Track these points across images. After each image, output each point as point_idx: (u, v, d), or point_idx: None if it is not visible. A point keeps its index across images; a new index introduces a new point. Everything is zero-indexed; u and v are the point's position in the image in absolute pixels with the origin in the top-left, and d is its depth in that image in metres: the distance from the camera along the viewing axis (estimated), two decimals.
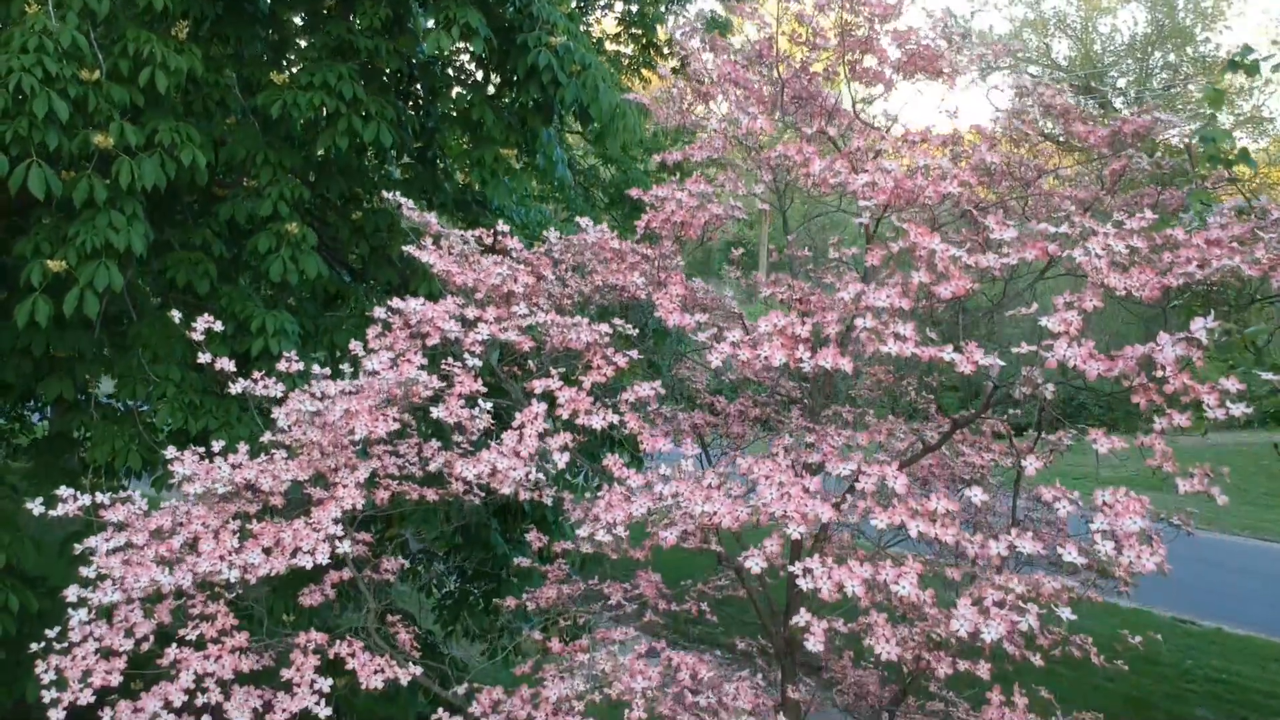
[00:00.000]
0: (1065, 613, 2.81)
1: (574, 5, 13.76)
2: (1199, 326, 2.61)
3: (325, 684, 3.63)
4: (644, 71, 14.00)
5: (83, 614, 3.60)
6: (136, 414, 6.08)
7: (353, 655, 3.81)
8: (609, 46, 13.91)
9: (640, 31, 13.77)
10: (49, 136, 4.99)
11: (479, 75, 7.88)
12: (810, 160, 3.44)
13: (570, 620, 4.67)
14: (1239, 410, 2.74)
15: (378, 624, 4.19)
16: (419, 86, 8.15)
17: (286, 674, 3.74)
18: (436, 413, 3.42)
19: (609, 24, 14.75)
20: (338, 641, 3.86)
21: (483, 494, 4.47)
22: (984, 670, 3.96)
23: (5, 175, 4.90)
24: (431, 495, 4.04)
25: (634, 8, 13.66)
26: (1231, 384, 2.84)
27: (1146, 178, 4.08)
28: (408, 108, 7.95)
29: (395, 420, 3.53)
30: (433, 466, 4.10)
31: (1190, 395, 2.87)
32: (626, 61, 14.01)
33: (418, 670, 3.79)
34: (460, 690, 3.99)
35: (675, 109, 4.79)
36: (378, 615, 4.30)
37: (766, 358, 3.05)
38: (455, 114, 7.81)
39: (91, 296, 5.20)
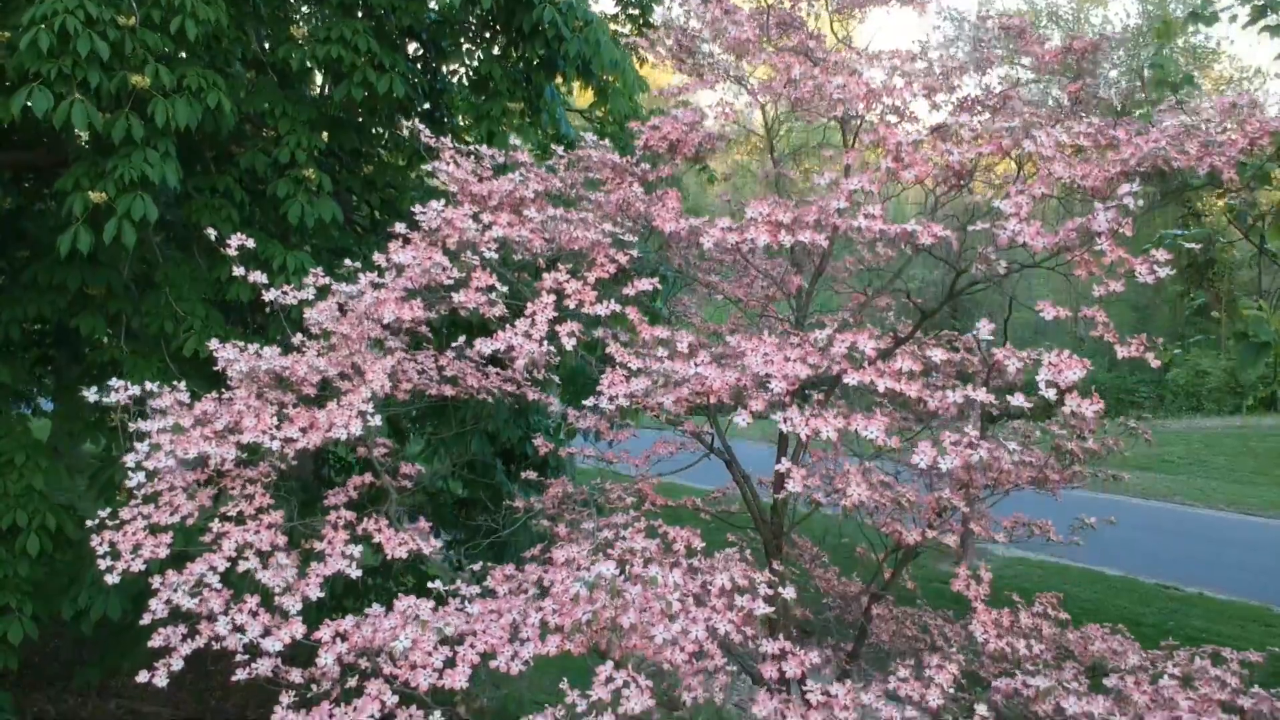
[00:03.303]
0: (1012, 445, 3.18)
1: None
2: (1125, 191, 3.00)
3: (356, 550, 4.01)
4: (640, 50, 14.37)
5: (141, 476, 3.94)
6: (165, 344, 6.46)
7: (379, 531, 4.19)
8: (610, 27, 14.24)
9: (638, 12, 14.13)
10: (91, 74, 5.37)
11: (487, 36, 8.25)
12: (791, 66, 3.84)
13: (574, 517, 5.05)
14: (1164, 273, 3.12)
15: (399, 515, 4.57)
16: (427, 52, 8.53)
17: (319, 546, 4.11)
18: (457, 297, 3.81)
19: (607, 4, 15.11)
20: (365, 519, 4.24)
21: (493, 394, 4.88)
22: (951, 540, 4.37)
23: (51, 110, 5.28)
24: (449, 390, 4.43)
25: None
26: (1160, 255, 3.22)
27: (1101, 105, 4.47)
28: (417, 67, 8.33)
29: (420, 310, 3.90)
30: (449, 372, 4.49)
31: (1125, 265, 3.26)
32: (624, 42, 14.37)
33: (438, 543, 4.17)
34: (475, 567, 4.37)
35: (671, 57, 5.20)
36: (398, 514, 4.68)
37: (753, 239, 3.44)
38: (463, 70, 8.20)
39: (129, 226, 5.58)
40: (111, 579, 4.02)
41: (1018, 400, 3.20)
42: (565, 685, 3.35)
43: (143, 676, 3.82)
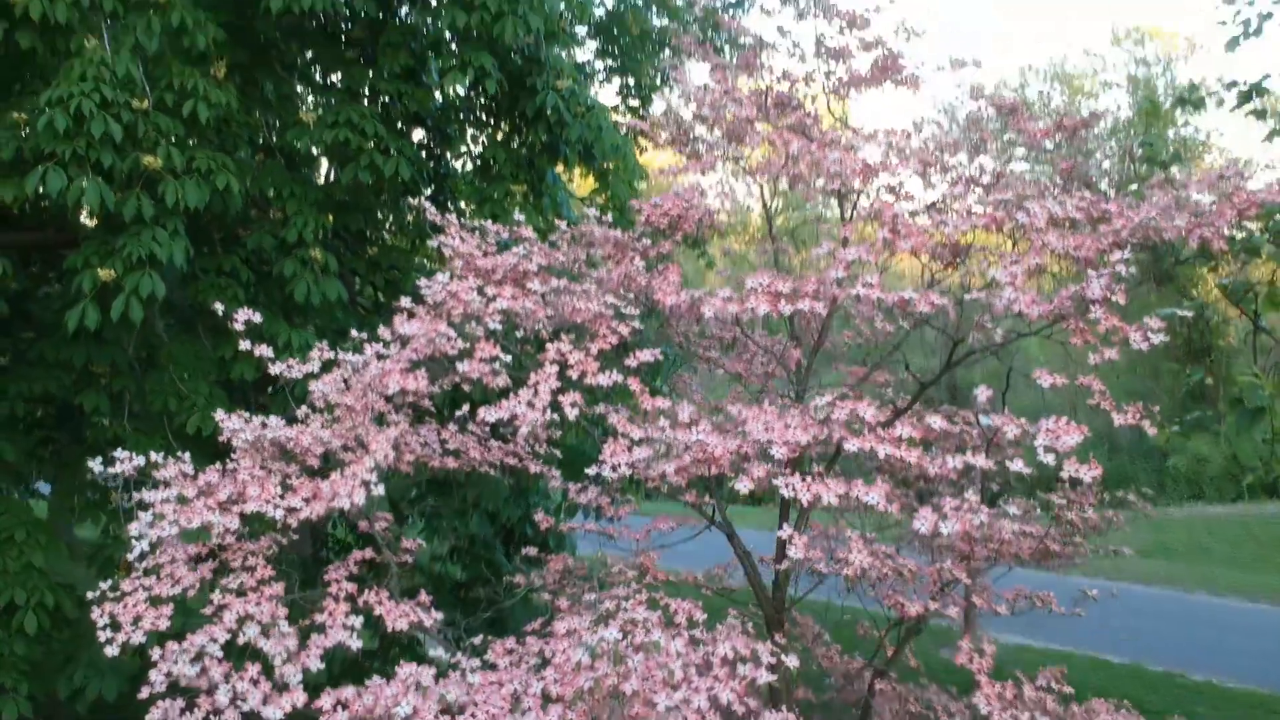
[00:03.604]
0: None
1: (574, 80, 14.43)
2: (1117, 259, 3.07)
3: (357, 621, 4.00)
4: (640, 140, 14.67)
5: (144, 545, 3.95)
6: (168, 421, 6.49)
7: (380, 603, 4.19)
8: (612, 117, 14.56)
9: (638, 103, 14.45)
10: (104, 155, 5.49)
11: (490, 121, 8.44)
12: (789, 142, 3.94)
13: (575, 591, 5.04)
14: (1158, 339, 3.18)
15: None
16: (432, 138, 8.71)
17: (319, 618, 4.11)
18: (462, 367, 3.86)
19: (608, 97, 15.46)
20: (366, 590, 4.24)
21: (495, 467, 4.91)
22: (954, 611, 4.36)
23: (64, 190, 5.38)
24: (452, 462, 4.46)
25: (630, 80, 14.34)
26: (1154, 323, 3.28)
27: (1094, 186, 4.57)
28: (422, 155, 8.50)
29: (424, 382, 3.96)
30: (451, 445, 4.53)
31: (1119, 333, 3.32)
32: (624, 128, 14.67)
33: (438, 615, 4.16)
34: (475, 641, 4.36)
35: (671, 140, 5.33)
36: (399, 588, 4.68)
37: (753, 308, 3.50)
38: (467, 154, 8.36)
39: (136, 303, 5.65)
40: (111, 650, 4.01)
41: (1016, 466, 3.23)
42: None
43: None
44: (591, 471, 3.75)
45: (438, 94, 8.14)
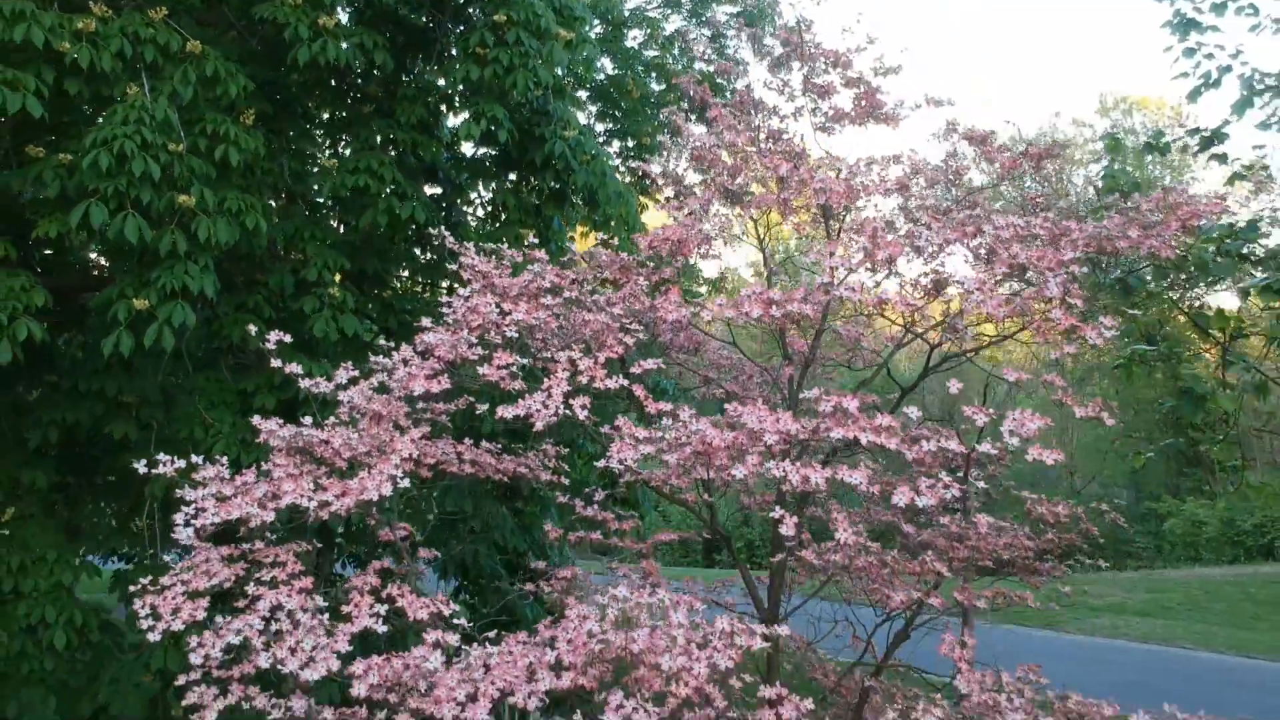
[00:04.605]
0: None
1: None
2: (1070, 257, 3.45)
3: (381, 608, 4.32)
4: (642, 199, 15.19)
5: (189, 532, 4.27)
6: (194, 448, 6.82)
7: (402, 596, 4.51)
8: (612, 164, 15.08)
9: (638, 165, 14.97)
10: (143, 193, 5.89)
11: (498, 171, 8.89)
12: (779, 165, 4.35)
13: (582, 594, 5.35)
14: (1110, 335, 3.54)
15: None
16: (444, 189, 9.16)
17: (346, 609, 4.42)
18: (482, 370, 4.22)
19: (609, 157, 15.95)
20: (388, 585, 4.56)
21: (506, 475, 5.25)
22: (936, 601, 4.67)
23: (106, 223, 5.78)
24: (468, 468, 4.81)
25: (630, 142, 14.87)
26: (1108, 321, 3.66)
27: (1059, 212, 4.98)
28: (433, 205, 8.94)
29: (445, 383, 4.32)
30: (467, 457, 4.88)
31: (1078, 333, 3.69)
32: (626, 179, 15.19)
33: (456, 607, 4.48)
34: (491, 635, 4.66)
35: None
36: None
37: (746, 312, 3.88)
38: (479, 202, 8.81)
39: (169, 331, 6.03)
40: (154, 637, 4.31)
41: (985, 447, 3.58)
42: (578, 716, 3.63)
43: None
44: (600, 464, 4.09)
45: (446, 151, 8.60)
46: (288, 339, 5.20)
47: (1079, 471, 37.90)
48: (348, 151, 8.11)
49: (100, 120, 5.98)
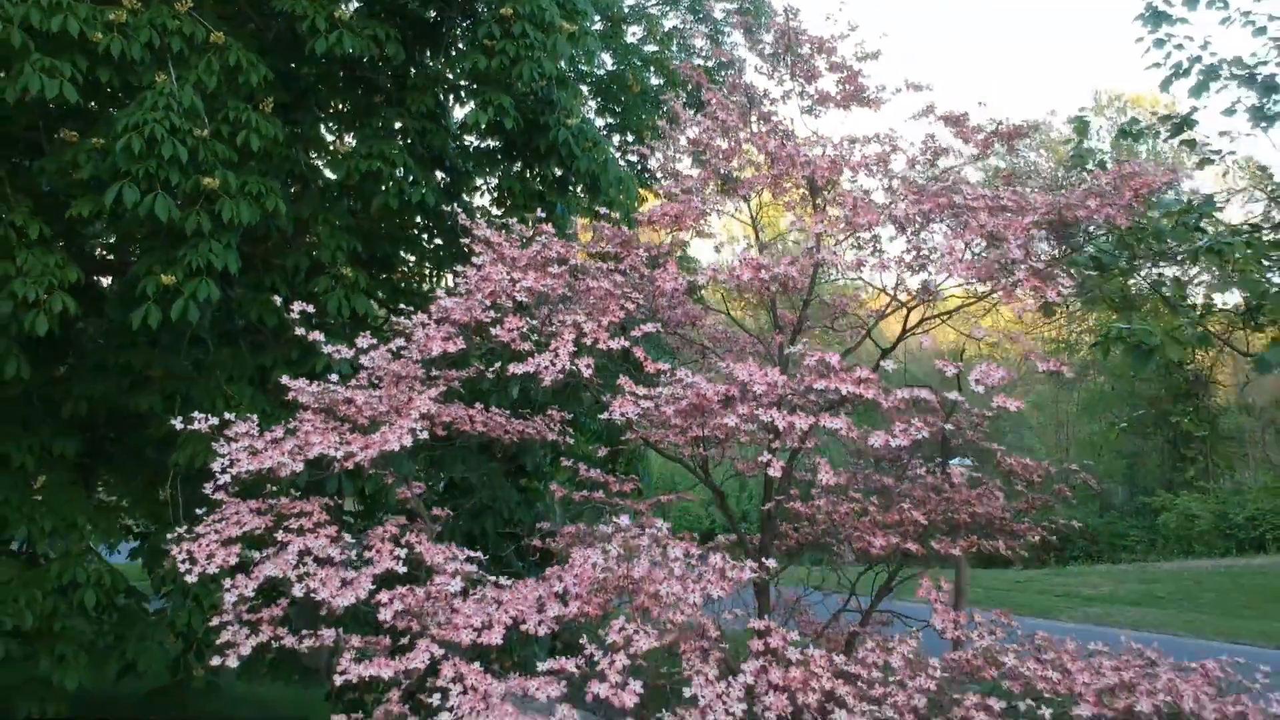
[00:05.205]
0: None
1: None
2: (1028, 221, 3.82)
3: (402, 551, 4.68)
4: (641, 192, 15.56)
5: (227, 478, 4.64)
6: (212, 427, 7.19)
7: (419, 543, 4.87)
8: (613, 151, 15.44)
9: (636, 159, 15.34)
10: (172, 174, 6.26)
11: (502, 159, 9.26)
12: (768, 141, 4.72)
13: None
14: (1066, 292, 3.91)
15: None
16: (451, 178, 9.53)
17: (369, 554, 4.79)
18: (495, 332, 4.59)
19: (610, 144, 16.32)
20: (408, 533, 4.92)
21: (516, 436, 5.62)
22: (913, 547, 5.04)
23: (138, 202, 6.14)
24: (479, 427, 5.18)
25: (630, 137, 15.24)
26: (1065, 282, 4.02)
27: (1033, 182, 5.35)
28: (443, 192, 9.31)
29: (461, 344, 4.68)
30: (479, 419, 5.25)
31: (1039, 293, 4.06)
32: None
33: (471, 569, 4.84)
34: (503, 580, 5.03)
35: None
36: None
37: (738, 275, 4.25)
38: (485, 188, 9.19)
39: (194, 305, 6.39)
40: (191, 579, 4.68)
41: (953, 396, 3.95)
42: (584, 640, 4.00)
43: (215, 660, 4.46)
44: (604, 416, 4.46)
45: (452, 141, 8.97)
46: (310, 309, 5.56)
47: (1075, 466, 38.30)
48: (354, 142, 8.47)
49: (130, 106, 6.33)
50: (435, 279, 9.76)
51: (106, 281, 8.80)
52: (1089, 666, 4.34)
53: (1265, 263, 4.71)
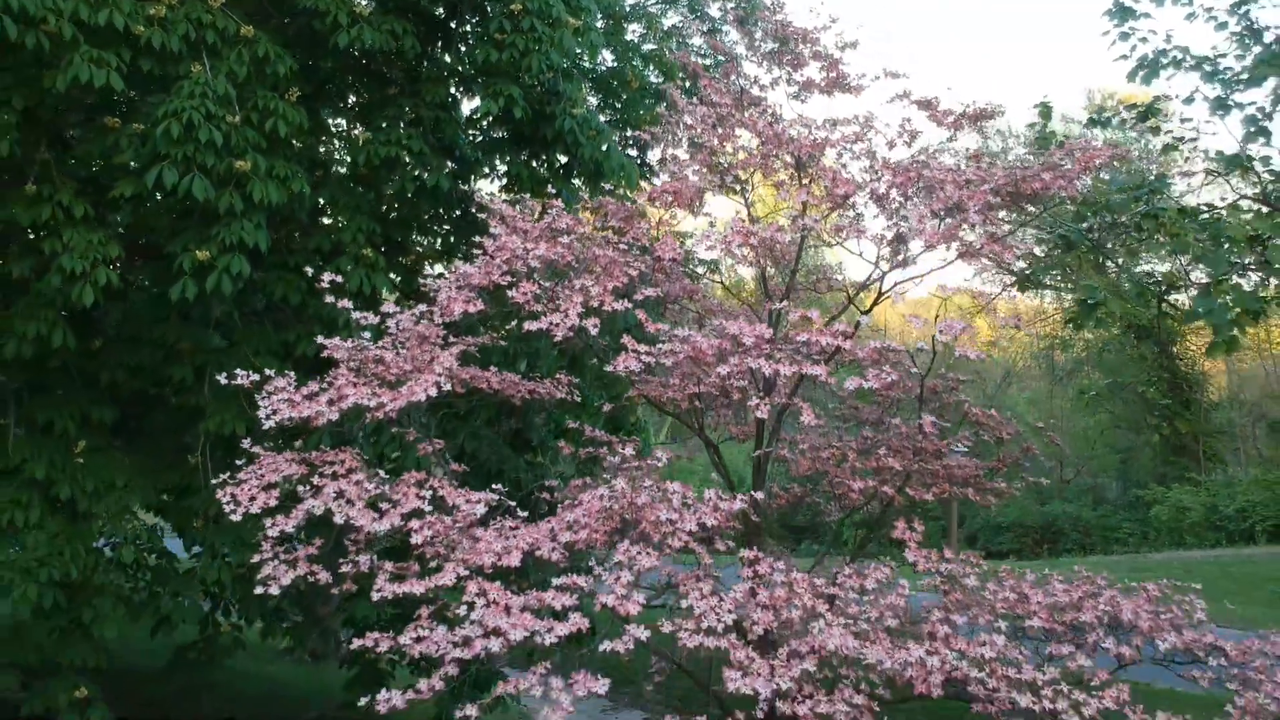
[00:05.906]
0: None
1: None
2: (986, 188, 4.33)
3: (427, 492, 5.19)
4: (641, 185, 16.08)
5: (271, 423, 5.14)
6: (242, 393, 7.70)
7: (441, 486, 5.38)
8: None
9: (635, 152, 15.83)
10: (208, 158, 6.76)
11: (517, 145, 9.77)
12: (756, 121, 5.23)
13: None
14: (1025, 261, 4.41)
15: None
16: (461, 167, 10.03)
17: (395, 495, 5.29)
18: (511, 294, 5.10)
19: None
20: (431, 479, 5.43)
21: (528, 394, 6.13)
22: (889, 490, 5.54)
23: (177, 183, 6.65)
24: (495, 384, 5.68)
25: (630, 132, 15.74)
26: (1023, 246, 4.53)
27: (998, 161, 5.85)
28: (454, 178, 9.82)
29: (481, 305, 5.19)
30: (494, 381, 5.77)
31: (997, 256, 4.56)
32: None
33: (491, 497, 5.34)
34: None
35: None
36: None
37: (730, 241, 4.76)
38: (494, 175, 9.71)
39: (227, 279, 6.90)
40: (235, 517, 5.18)
41: (922, 345, 4.46)
42: (592, 562, 4.51)
43: (259, 590, 4.97)
44: (609, 368, 4.96)
45: (462, 132, 9.48)
46: (339, 279, 6.07)
47: (1069, 462, 38.77)
48: (368, 133, 8.97)
49: (169, 94, 6.83)
50: (446, 264, 10.26)
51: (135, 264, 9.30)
52: (1043, 590, 4.86)
53: (1192, 224, 5.22)
